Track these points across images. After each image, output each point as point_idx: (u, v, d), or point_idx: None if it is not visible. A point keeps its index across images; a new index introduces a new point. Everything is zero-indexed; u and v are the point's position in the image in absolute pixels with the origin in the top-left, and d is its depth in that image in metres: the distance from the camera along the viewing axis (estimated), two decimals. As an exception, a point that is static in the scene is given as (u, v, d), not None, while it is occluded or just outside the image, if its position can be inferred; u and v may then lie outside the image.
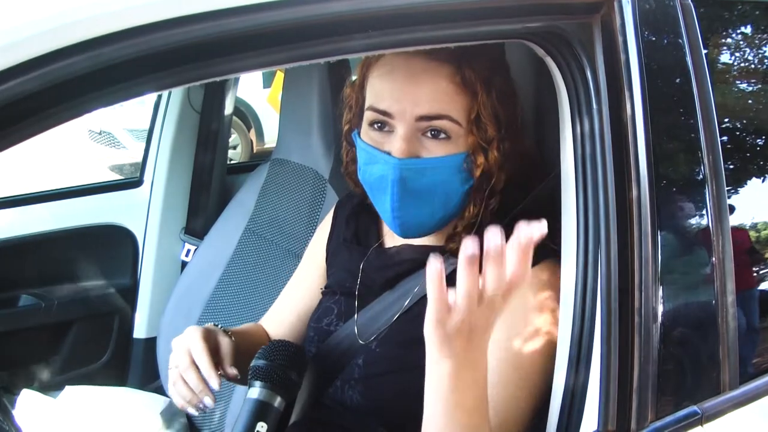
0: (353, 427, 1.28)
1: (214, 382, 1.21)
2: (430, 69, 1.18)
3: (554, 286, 1.18)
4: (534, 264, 1.19)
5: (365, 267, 1.39)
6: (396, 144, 1.19)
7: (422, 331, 1.25)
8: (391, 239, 1.40)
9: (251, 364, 1.19)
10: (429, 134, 1.19)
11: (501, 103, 1.21)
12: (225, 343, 1.30)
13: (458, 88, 1.18)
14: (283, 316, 1.56)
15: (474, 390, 0.97)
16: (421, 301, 1.27)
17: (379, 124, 1.23)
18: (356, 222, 1.46)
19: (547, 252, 1.23)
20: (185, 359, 1.25)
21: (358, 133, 1.27)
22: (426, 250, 1.31)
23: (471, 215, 1.24)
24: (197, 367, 1.23)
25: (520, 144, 1.25)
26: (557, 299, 1.14)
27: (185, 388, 1.24)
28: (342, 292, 1.41)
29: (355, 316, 1.34)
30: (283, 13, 0.83)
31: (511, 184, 1.25)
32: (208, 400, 1.22)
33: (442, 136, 1.19)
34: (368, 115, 1.24)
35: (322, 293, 1.47)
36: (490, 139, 1.20)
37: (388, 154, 1.19)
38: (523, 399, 1.14)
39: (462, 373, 0.95)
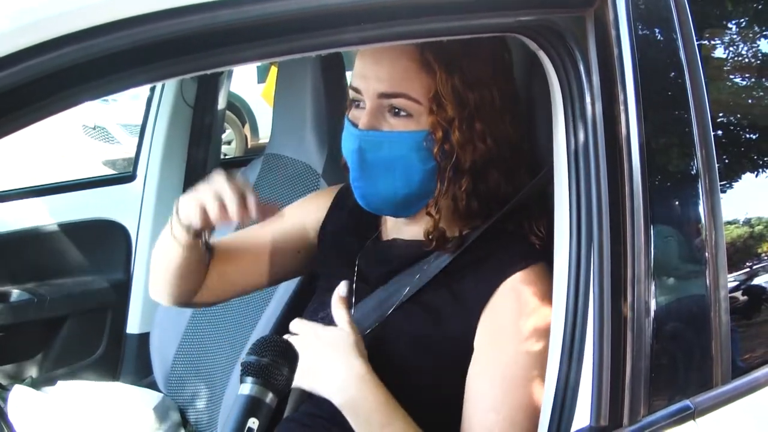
0: (346, 423, 1.27)
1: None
2: (394, 48, 1.22)
3: (542, 291, 1.19)
4: (521, 268, 1.21)
5: (360, 261, 1.39)
6: (363, 118, 1.24)
7: (414, 329, 1.27)
8: (386, 232, 1.40)
9: (242, 361, 1.18)
10: (393, 112, 1.23)
11: (468, 86, 1.22)
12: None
13: (418, 67, 1.21)
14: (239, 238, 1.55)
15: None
16: (413, 299, 1.28)
17: (357, 102, 1.28)
18: (359, 213, 1.45)
19: (534, 254, 1.24)
20: (214, 205, 1.21)
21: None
22: (416, 245, 1.32)
23: (440, 194, 1.26)
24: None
25: (497, 128, 1.25)
26: (547, 304, 1.14)
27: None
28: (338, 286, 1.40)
29: (352, 311, 1.34)
30: (276, 5, 0.82)
31: (501, 177, 1.26)
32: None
33: (403, 113, 1.23)
34: (349, 94, 1.29)
35: (317, 286, 1.47)
36: (450, 119, 1.21)
37: (356, 126, 1.24)
38: (522, 420, 1.15)
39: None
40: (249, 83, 6.93)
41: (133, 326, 2.50)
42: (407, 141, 1.23)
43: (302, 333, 1.27)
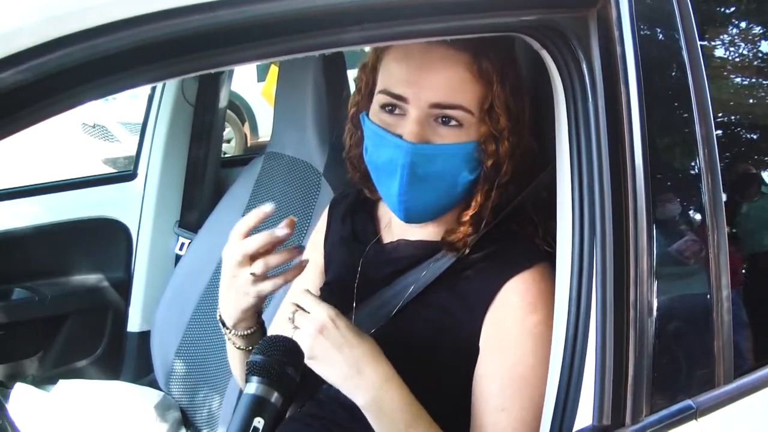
0: (349, 424, 1.27)
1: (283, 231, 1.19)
2: (448, 57, 1.18)
3: (546, 290, 1.18)
4: (525, 268, 1.21)
5: (364, 263, 1.38)
6: (408, 127, 1.18)
7: (419, 328, 1.26)
8: (389, 234, 1.39)
9: (248, 360, 1.19)
10: (441, 121, 1.19)
11: (513, 95, 1.21)
12: None
13: (474, 78, 1.19)
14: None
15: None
16: (418, 299, 1.28)
17: (391, 107, 1.22)
18: (353, 220, 1.46)
19: (538, 255, 1.24)
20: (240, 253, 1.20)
21: (367, 115, 1.26)
22: (422, 246, 1.31)
23: (478, 205, 1.24)
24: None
25: (526, 138, 1.25)
26: (552, 302, 1.13)
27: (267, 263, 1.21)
28: (340, 288, 1.40)
29: (353, 312, 1.34)
30: (278, 4, 0.82)
31: (517, 191, 1.26)
32: (281, 232, 1.19)
33: (454, 123, 1.19)
34: (380, 98, 1.23)
35: (321, 289, 1.47)
36: (501, 129, 1.20)
37: (399, 137, 1.19)
38: (532, 419, 1.15)
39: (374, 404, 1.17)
40: (249, 82, 6.93)
41: (133, 324, 2.50)
42: (460, 153, 1.20)
43: (324, 320, 1.18)
